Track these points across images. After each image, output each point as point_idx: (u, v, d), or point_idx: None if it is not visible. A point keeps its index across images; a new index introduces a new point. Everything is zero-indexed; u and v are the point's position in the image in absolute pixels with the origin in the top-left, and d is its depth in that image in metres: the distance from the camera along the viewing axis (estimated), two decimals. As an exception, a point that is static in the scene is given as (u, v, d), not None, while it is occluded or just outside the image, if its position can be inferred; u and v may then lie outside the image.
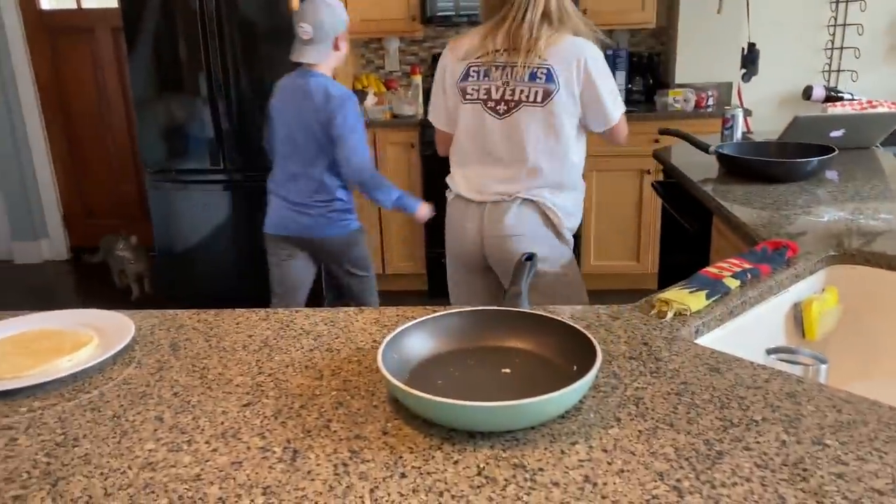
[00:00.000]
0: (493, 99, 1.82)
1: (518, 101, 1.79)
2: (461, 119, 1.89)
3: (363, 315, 1.15)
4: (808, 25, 3.88)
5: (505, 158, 1.85)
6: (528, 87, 1.78)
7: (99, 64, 4.42)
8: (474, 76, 1.83)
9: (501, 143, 1.84)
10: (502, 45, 1.79)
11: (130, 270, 3.86)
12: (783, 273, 1.26)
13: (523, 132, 1.81)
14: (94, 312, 1.16)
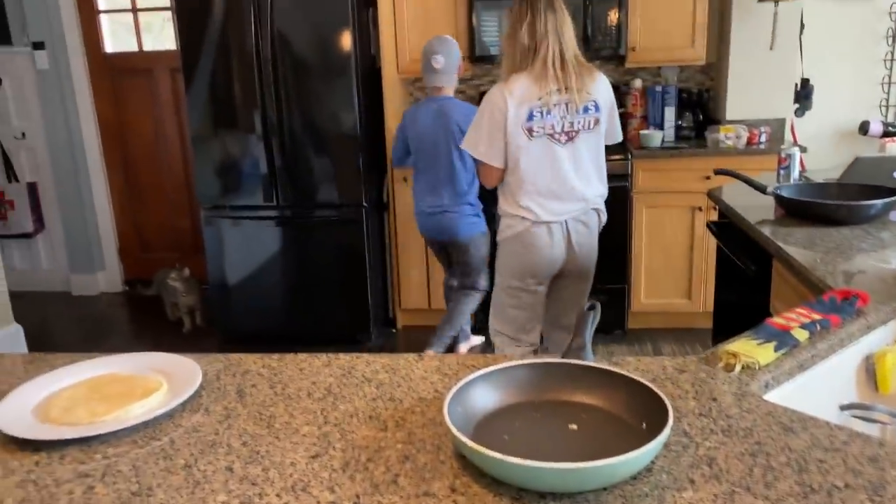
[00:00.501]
0: (557, 132, 2.22)
1: (577, 130, 2.24)
2: (528, 154, 2.21)
3: (423, 362, 1.15)
4: (863, 60, 3.81)
5: (572, 179, 2.26)
6: (584, 118, 2.23)
7: (157, 102, 4.59)
8: (539, 116, 2.19)
9: (568, 166, 2.24)
10: (554, 86, 2.17)
11: (182, 303, 3.95)
12: (854, 324, 1.22)
13: (583, 155, 2.26)
14: (162, 356, 1.18)
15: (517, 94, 2.16)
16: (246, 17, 3.39)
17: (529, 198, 2.25)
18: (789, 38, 3.60)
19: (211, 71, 3.51)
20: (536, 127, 2.18)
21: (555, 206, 2.26)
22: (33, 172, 4.70)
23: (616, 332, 3.71)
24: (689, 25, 3.56)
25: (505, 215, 2.35)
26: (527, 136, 2.19)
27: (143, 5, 4.52)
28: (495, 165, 2.25)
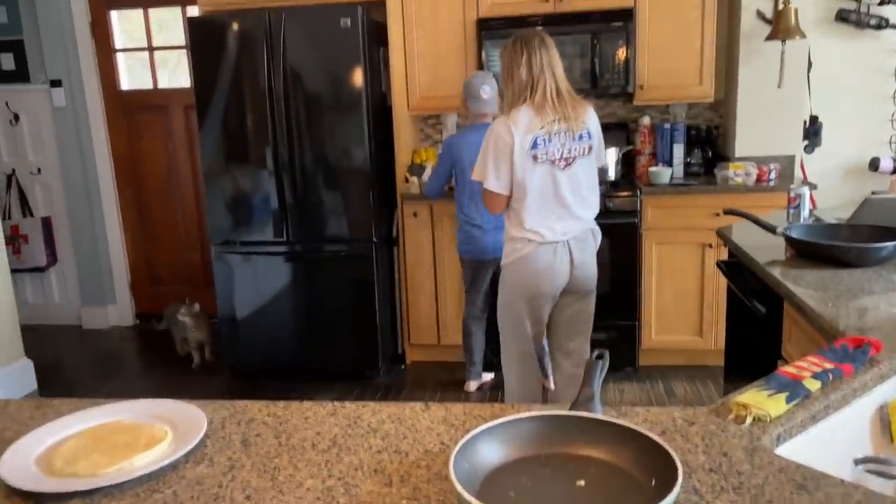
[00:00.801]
0: (557, 158, 2.39)
1: (574, 156, 2.42)
2: (534, 180, 2.38)
3: (430, 412, 1.14)
4: (871, 97, 3.82)
5: (571, 202, 2.43)
6: (579, 145, 2.42)
7: (171, 138, 4.65)
8: (543, 144, 2.36)
9: (568, 190, 2.42)
10: (553, 116, 2.36)
11: (192, 338, 3.95)
12: (867, 373, 1.20)
13: (580, 179, 2.45)
14: (167, 403, 1.18)
15: (521, 125, 2.35)
16: (259, 54, 3.45)
17: (536, 221, 2.43)
18: (797, 76, 3.61)
19: (224, 107, 3.56)
20: (540, 154, 2.37)
21: (558, 227, 2.44)
22: (48, 207, 4.75)
23: (627, 369, 3.67)
24: (696, 63, 3.59)
25: (511, 240, 2.50)
26: (532, 162, 2.37)
27: (158, 44, 4.61)
28: (503, 193, 2.42)
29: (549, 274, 2.47)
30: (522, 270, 2.48)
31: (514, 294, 2.54)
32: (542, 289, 2.50)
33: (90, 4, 4.47)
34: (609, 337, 3.61)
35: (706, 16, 3.54)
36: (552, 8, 3.62)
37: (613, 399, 3.39)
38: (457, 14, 3.71)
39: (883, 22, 3.66)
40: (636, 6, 3.56)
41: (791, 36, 3.42)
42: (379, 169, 3.62)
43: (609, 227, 3.46)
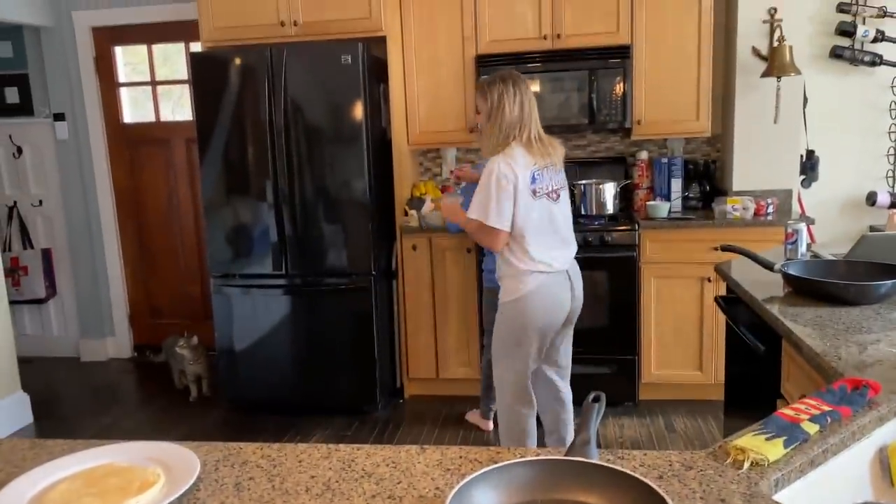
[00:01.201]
0: (550, 191, 2.54)
1: (559, 189, 2.59)
2: (534, 213, 2.47)
3: (425, 455, 1.13)
4: (867, 132, 3.85)
5: (564, 232, 2.60)
6: (560, 178, 2.61)
7: (172, 171, 4.69)
8: (539, 178, 2.49)
9: (560, 220, 2.58)
10: (540, 153, 2.49)
11: (190, 371, 3.93)
12: (865, 416, 1.19)
13: (566, 211, 2.63)
14: (160, 446, 1.17)
15: (521, 162, 2.44)
16: (260, 89, 3.49)
17: (543, 252, 2.51)
18: (793, 112, 3.65)
19: (225, 141, 3.60)
20: (538, 188, 2.49)
21: (558, 255, 2.57)
22: (48, 239, 4.77)
23: (627, 404, 3.65)
24: (693, 98, 3.63)
25: (516, 275, 2.52)
26: (532, 197, 2.47)
27: (163, 74, 4.67)
28: (504, 230, 2.46)
29: (561, 302, 2.59)
30: (536, 303, 2.51)
31: (524, 327, 2.53)
32: (557, 317, 2.60)
33: (95, 40, 4.54)
34: (609, 371, 3.60)
35: (702, 52, 3.59)
36: (550, 45, 3.67)
37: (613, 434, 3.36)
38: (456, 51, 3.76)
39: (877, 58, 3.70)
40: (633, 43, 3.62)
41: (786, 72, 3.46)
42: (378, 202, 3.64)
43: (608, 260, 3.50)
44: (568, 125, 3.74)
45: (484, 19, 3.72)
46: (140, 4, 4.40)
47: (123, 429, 3.66)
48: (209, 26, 3.73)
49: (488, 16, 3.71)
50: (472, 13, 3.72)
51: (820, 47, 3.77)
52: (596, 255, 3.51)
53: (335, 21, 3.61)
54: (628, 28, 3.61)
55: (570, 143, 4.14)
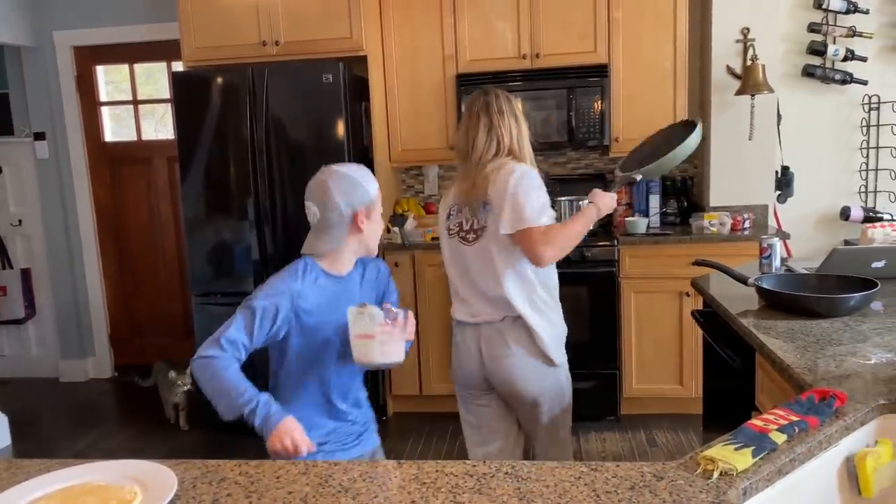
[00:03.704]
0: (459, 230, 2.18)
1: (478, 229, 2.13)
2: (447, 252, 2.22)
3: (402, 470, 1.15)
4: (841, 148, 3.94)
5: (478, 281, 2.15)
6: (484, 218, 2.12)
7: (154, 190, 4.68)
8: (453, 215, 2.21)
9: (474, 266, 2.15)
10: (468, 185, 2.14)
11: (169, 400, 3.83)
12: (832, 426, 1.22)
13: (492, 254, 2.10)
14: (137, 464, 1.17)
15: (448, 195, 2.26)
16: (242, 108, 3.51)
17: (453, 295, 2.25)
18: (767, 129, 3.73)
19: (206, 160, 3.60)
20: (451, 225, 2.21)
21: (468, 307, 2.18)
22: (28, 258, 4.73)
23: (609, 418, 3.67)
24: (670, 116, 3.69)
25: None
26: (446, 234, 2.23)
27: (145, 92, 4.67)
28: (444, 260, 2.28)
29: (462, 362, 2.23)
30: (453, 355, 2.29)
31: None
32: (464, 378, 2.25)
33: (76, 59, 4.54)
34: (590, 386, 3.62)
35: (678, 71, 3.66)
36: (529, 64, 3.73)
37: (596, 449, 3.38)
38: (436, 70, 3.81)
39: (847, 77, 3.79)
40: (610, 62, 3.68)
41: (760, 90, 3.54)
42: (360, 220, 3.64)
43: (588, 276, 3.54)
44: (548, 143, 3.79)
45: (464, 39, 3.77)
46: (122, 24, 4.41)
47: (103, 450, 3.62)
48: (191, 46, 3.75)
49: (468, 35, 3.77)
50: (452, 33, 3.77)
51: (792, 66, 3.85)
52: (576, 271, 3.54)
53: (316, 41, 3.64)
54: (605, 47, 3.68)
55: (550, 160, 4.19)
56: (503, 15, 3.73)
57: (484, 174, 2.10)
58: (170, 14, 3.94)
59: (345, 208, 1.79)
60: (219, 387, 1.68)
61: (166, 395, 3.83)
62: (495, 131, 2.13)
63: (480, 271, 2.14)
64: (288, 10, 3.64)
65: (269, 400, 1.66)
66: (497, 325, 2.13)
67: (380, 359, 1.69)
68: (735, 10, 3.67)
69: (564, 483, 1.07)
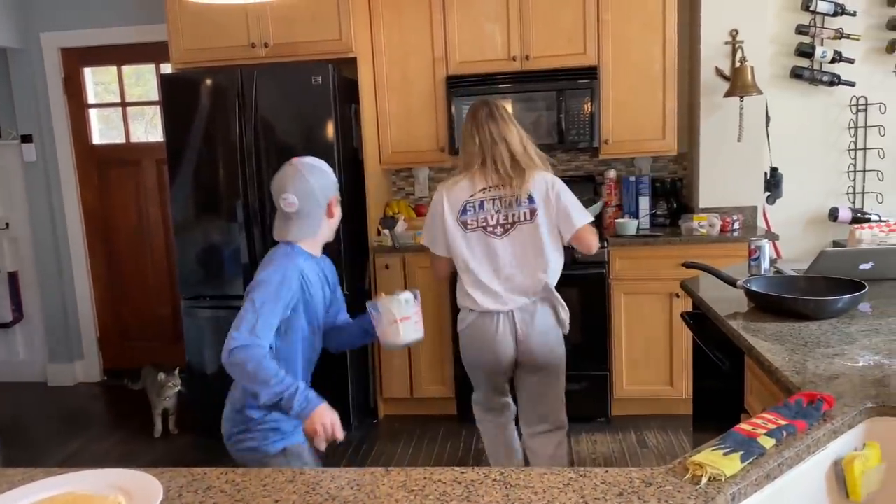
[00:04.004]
0: (486, 224, 2.40)
1: (507, 224, 2.40)
2: (464, 246, 2.42)
3: (389, 477, 1.14)
4: (829, 149, 3.96)
5: (507, 269, 2.40)
6: (518, 210, 2.39)
7: (143, 193, 4.65)
8: (472, 210, 2.40)
9: (503, 257, 2.39)
10: (487, 184, 2.39)
11: (158, 405, 3.77)
12: (820, 429, 1.22)
13: (525, 246, 2.40)
14: (122, 473, 1.16)
15: (456, 192, 2.43)
16: (231, 110, 3.49)
17: (473, 287, 2.43)
18: (756, 130, 3.74)
19: (195, 162, 3.58)
20: (469, 220, 2.41)
21: (494, 295, 2.41)
22: (15, 262, 4.69)
23: (600, 419, 3.67)
24: (659, 118, 3.70)
25: (460, 307, 2.53)
26: (462, 229, 2.42)
27: (134, 93, 4.65)
28: (441, 255, 2.50)
29: (493, 346, 2.44)
30: (466, 341, 2.52)
31: (465, 361, 2.59)
32: (491, 360, 2.48)
33: (63, 61, 4.51)
34: (581, 387, 3.62)
35: (667, 73, 3.67)
36: (519, 66, 3.73)
37: (587, 451, 3.38)
38: (426, 72, 3.80)
39: (835, 78, 3.81)
40: (600, 64, 3.69)
41: (748, 92, 3.55)
42: (351, 222, 3.64)
43: (578, 277, 3.53)
44: (538, 144, 3.72)
45: (454, 41, 3.76)
46: (110, 25, 4.38)
47: (91, 454, 3.59)
48: (179, 48, 3.73)
49: (458, 37, 3.76)
50: (442, 35, 3.77)
51: (781, 68, 3.87)
52: (566, 273, 3.49)
53: (305, 43, 3.63)
54: (595, 50, 3.68)
55: (541, 161, 4.19)
56: (493, 17, 3.73)
57: (521, 175, 2.37)
58: (158, 16, 3.92)
59: (321, 197, 1.98)
60: (259, 374, 1.75)
61: (155, 399, 3.78)
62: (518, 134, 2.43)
63: (516, 262, 2.40)
64: (277, 12, 3.62)
65: (305, 387, 1.78)
66: (528, 308, 2.43)
67: (414, 336, 1.97)
68: (724, 13, 3.69)
69: (553, 490, 1.07)
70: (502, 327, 2.43)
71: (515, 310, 2.43)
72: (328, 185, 1.99)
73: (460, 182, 2.44)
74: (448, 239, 2.44)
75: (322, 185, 1.97)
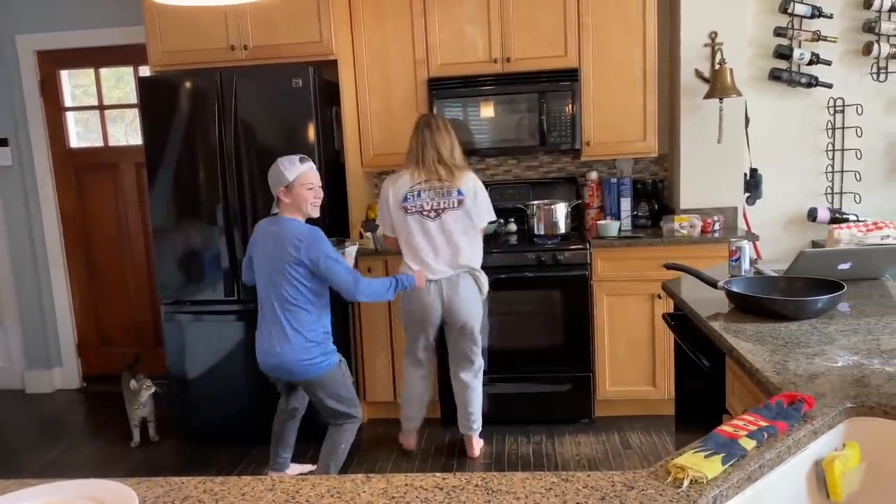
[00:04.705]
0: (423, 210, 3.10)
1: (440, 209, 3.10)
2: (405, 226, 3.12)
3: (370, 484, 1.13)
4: (807, 151, 4.00)
5: (439, 245, 3.11)
6: (447, 200, 3.11)
7: (121, 196, 4.60)
8: (412, 198, 3.11)
9: (436, 235, 3.11)
10: (424, 178, 3.11)
11: (135, 414, 3.71)
12: (801, 430, 1.23)
13: (451, 228, 3.10)
14: (97, 483, 1.14)
15: (398, 184, 3.14)
16: (210, 113, 3.46)
17: (411, 259, 3.14)
18: (736, 132, 3.77)
19: (175, 165, 3.55)
20: (410, 206, 3.11)
21: (429, 266, 3.10)
22: (-9, 267, 4.62)
23: (583, 420, 3.68)
24: (640, 120, 3.72)
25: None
26: (403, 213, 3.11)
27: (114, 95, 4.59)
28: (390, 235, 3.23)
29: (424, 307, 3.16)
30: (403, 302, 3.24)
31: (402, 317, 3.31)
32: (423, 319, 3.20)
33: (39, 63, 4.45)
34: (564, 388, 3.63)
35: (648, 75, 3.69)
36: (500, 68, 3.73)
37: (570, 452, 3.38)
38: (408, 74, 3.80)
39: (813, 80, 3.86)
40: (581, 66, 3.70)
41: (727, 94, 3.57)
42: (332, 225, 3.62)
43: (561, 279, 3.55)
44: (520, 147, 3.80)
45: (435, 43, 3.76)
46: (86, 28, 4.33)
47: (70, 463, 3.54)
48: (158, 50, 3.69)
49: (439, 40, 3.76)
50: (423, 37, 3.76)
51: (759, 69, 3.90)
52: (549, 275, 3.55)
53: (286, 45, 3.61)
54: (576, 52, 3.69)
55: (523, 164, 4.20)
56: (474, 19, 3.73)
57: (450, 173, 3.10)
58: (136, 18, 3.88)
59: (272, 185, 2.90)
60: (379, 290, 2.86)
61: (130, 409, 3.70)
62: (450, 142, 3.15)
63: (445, 240, 3.11)
64: (256, 14, 3.60)
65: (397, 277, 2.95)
66: (453, 278, 3.14)
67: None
68: (703, 15, 3.71)
69: (535, 494, 1.06)
70: (433, 291, 3.13)
71: (443, 279, 3.12)
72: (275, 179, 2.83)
73: (403, 176, 3.15)
74: (393, 221, 3.14)
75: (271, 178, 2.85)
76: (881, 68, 3.88)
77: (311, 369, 2.79)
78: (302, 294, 2.75)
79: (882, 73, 3.88)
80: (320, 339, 2.81)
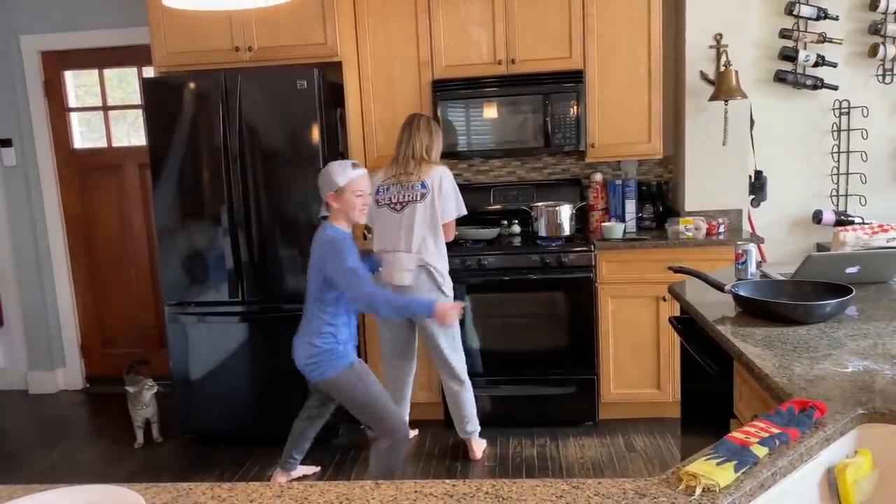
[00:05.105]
0: (390, 202, 3.26)
1: (406, 202, 3.23)
2: (376, 217, 3.28)
3: (380, 490, 1.12)
4: (812, 152, 3.98)
5: (402, 235, 3.22)
6: (410, 193, 3.23)
7: (125, 197, 4.59)
8: (382, 192, 3.28)
9: (397, 227, 3.23)
10: (395, 172, 3.27)
11: (139, 415, 3.71)
12: (813, 437, 1.22)
13: (413, 220, 3.21)
14: (103, 489, 1.13)
15: (375, 179, 3.24)
16: (214, 114, 3.46)
17: (380, 248, 3.28)
18: (741, 134, 3.75)
19: (179, 166, 3.54)
20: (380, 199, 3.27)
21: (400, 261, 3.20)
22: (-6, 268, 4.62)
23: (587, 423, 3.67)
24: (645, 121, 3.71)
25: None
26: (376, 205, 3.26)
27: (117, 96, 4.59)
28: (370, 225, 3.37)
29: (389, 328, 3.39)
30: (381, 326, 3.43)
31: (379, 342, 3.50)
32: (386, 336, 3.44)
33: (44, 64, 4.45)
34: (569, 391, 3.62)
35: (653, 77, 3.68)
36: (505, 70, 3.72)
37: (575, 455, 3.37)
38: (412, 75, 3.79)
39: (818, 82, 3.84)
40: (585, 68, 3.69)
41: (733, 96, 3.56)
42: (336, 227, 3.61)
43: (565, 281, 3.54)
44: (524, 148, 3.79)
45: (440, 45, 3.75)
46: (91, 28, 4.33)
47: (74, 464, 3.53)
48: (162, 51, 3.69)
49: (444, 42, 3.75)
50: (427, 39, 3.75)
51: (764, 71, 3.89)
52: (553, 276, 3.54)
53: (290, 46, 3.60)
54: (580, 53, 3.68)
55: (527, 165, 4.19)
56: (479, 21, 3.72)
57: (418, 168, 3.24)
58: (140, 18, 3.87)
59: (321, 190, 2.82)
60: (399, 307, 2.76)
61: (133, 410, 3.69)
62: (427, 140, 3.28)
63: (407, 233, 3.21)
64: (261, 16, 3.59)
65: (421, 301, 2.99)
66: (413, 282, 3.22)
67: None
68: (708, 17, 3.70)
69: (546, 502, 1.05)
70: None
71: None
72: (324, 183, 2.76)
73: (381, 171, 3.34)
74: (371, 212, 3.19)
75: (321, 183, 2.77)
76: (887, 70, 3.86)
77: (314, 373, 2.77)
78: (318, 300, 2.72)
79: (888, 74, 3.87)
80: (330, 345, 2.73)
